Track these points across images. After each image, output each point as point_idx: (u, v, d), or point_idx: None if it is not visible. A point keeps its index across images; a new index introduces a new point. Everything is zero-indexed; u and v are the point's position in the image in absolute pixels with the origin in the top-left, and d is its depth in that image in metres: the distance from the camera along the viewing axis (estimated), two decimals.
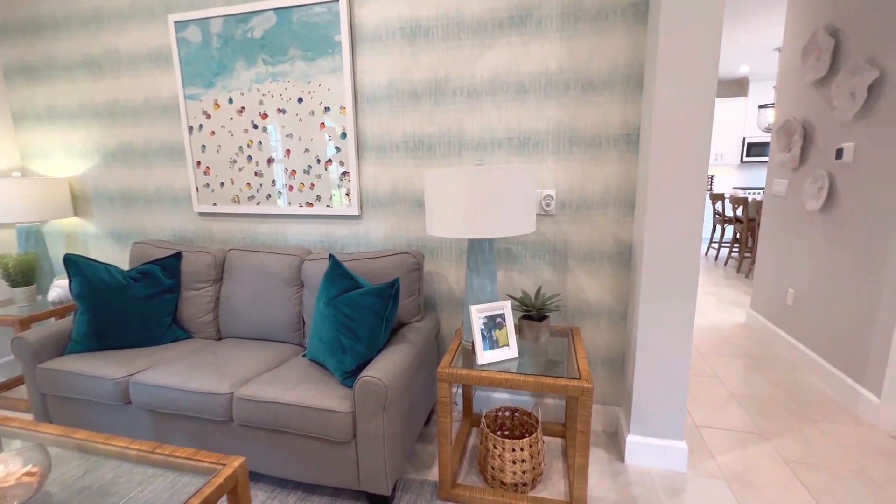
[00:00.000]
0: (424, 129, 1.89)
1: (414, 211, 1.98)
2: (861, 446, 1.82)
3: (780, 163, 2.84)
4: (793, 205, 2.74)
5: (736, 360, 2.68)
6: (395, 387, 1.41)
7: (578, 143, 1.76)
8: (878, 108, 2.04)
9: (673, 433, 1.69)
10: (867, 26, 2.13)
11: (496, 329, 1.54)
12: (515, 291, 1.94)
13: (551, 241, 1.86)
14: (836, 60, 2.35)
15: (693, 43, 1.42)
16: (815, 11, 2.57)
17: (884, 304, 1.97)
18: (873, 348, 2.03)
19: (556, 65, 1.72)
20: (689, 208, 1.52)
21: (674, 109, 1.47)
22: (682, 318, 1.59)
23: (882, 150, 2.01)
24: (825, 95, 2.44)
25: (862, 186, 2.13)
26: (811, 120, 2.57)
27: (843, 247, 2.26)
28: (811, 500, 1.53)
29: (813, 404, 2.16)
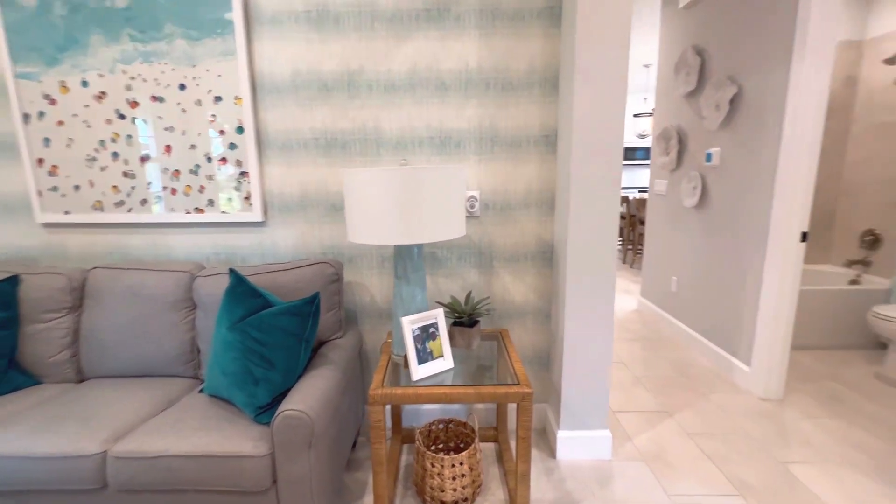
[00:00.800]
0: (337, 125, 1.71)
1: (329, 215, 1.79)
2: (741, 411, 2.10)
3: (660, 165, 3.19)
4: (672, 202, 3.10)
5: (634, 344, 2.94)
6: (321, 418, 1.23)
7: (500, 144, 1.74)
8: (737, 118, 2.38)
9: (598, 423, 1.76)
10: (726, 48, 2.47)
11: (430, 340, 1.44)
12: (443, 297, 1.86)
13: (476, 243, 1.82)
14: (703, 76, 2.70)
15: (607, 52, 1.47)
16: (683, 33, 2.93)
17: (749, 287, 2.30)
18: (743, 325, 2.36)
19: (476, 63, 1.67)
20: (607, 208, 1.59)
21: (591, 114, 1.52)
22: (603, 312, 1.66)
23: (741, 154, 2.35)
24: (695, 106, 2.79)
25: (728, 185, 2.47)
26: (685, 128, 2.92)
27: (715, 238, 2.60)
28: (713, 468, 1.70)
29: (700, 378, 2.44)
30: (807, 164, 1.99)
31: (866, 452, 1.78)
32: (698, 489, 1.59)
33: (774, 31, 2.10)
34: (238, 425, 1.29)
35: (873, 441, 1.85)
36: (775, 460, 1.74)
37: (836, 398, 2.20)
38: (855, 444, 1.84)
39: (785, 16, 2.04)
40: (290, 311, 1.33)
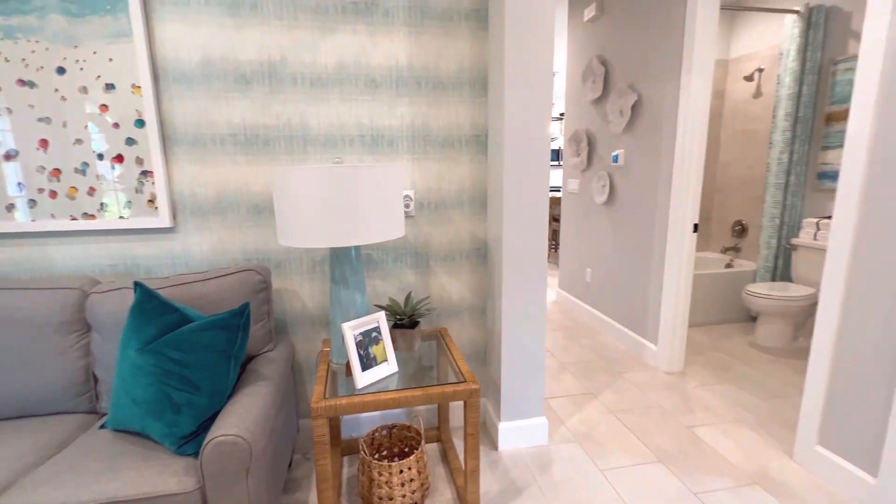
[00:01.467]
0: (259, 120, 1.58)
1: (252, 218, 1.64)
2: (652, 385, 2.34)
3: (572, 165, 3.44)
4: (585, 200, 3.36)
5: (556, 333, 3.13)
6: (259, 440, 1.13)
7: (433, 143, 1.74)
8: (639, 123, 2.65)
9: (535, 411, 1.84)
10: (627, 60, 2.74)
11: (373, 345, 1.39)
12: (380, 300, 1.81)
13: (413, 243, 1.80)
14: (608, 84, 2.96)
15: (534, 57, 1.54)
16: (588, 44, 3.18)
17: (653, 275, 2.58)
18: (649, 309, 2.63)
19: (407, 61, 1.65)
20: (538, 205, 1.66)
21: (521, 115, 1.58)
22: (537, 305, 1.74)
23: (643, 155, 2.62)
24: (602, 112, 3.05)
25: (632, 183, 2.74)
26: (593, 131, 3.18)
27: (623, 231, 2.87)
28: (635, 440, 1.88)
29: (616, 360, 2.68)
30: (696, 165, 2.28)
31: (750, 410, 2.09)
32: (625, 461, 1.74)
33: (667, 47, 2.37)
34: (156, 461, 1.13)
35: (755, 400, 2.18)
36: (683, 426, 1.97)
37: (723, 367, 2.56)
38: (741, 404, 2.15)
39: (675, 35, 2.31)
40: (215, 325, 1.20)
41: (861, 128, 1.45)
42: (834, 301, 1.56)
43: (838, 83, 2.81)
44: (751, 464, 1.72)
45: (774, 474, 1.66)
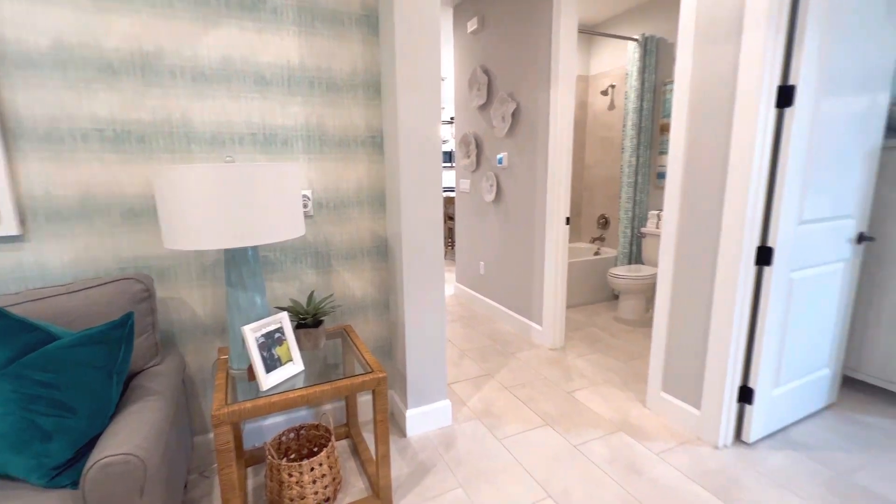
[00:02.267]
0: (132, 114, 1.44)
1: (128, 222, 1.49)
2: (539, 361, 2.65)
3: (463, 166, 3.67)
4: (475, 198, 3.62)
5: (456, 324, 3.34)
6: (153, 457, 1.06)
7: (329, 143, 1.76)
8: (518, 128, 2.96)
9: (439, 395, 1.97)
10: (506, 71, 3.03)
11: (276, 346, 1.38)
12: (281, 302, 1.77)
13: (313, 242, 1.80)
14: (491, 92, 3.24)
15: (423, 63, 1.66)
16: (473, 54, 3.43)
17: (535, 263, 2.91)
18: (534, 294, 2.96)
19: (298, 60, 1.65)
20: (433, 203, 1.79)
21: (414, 118, 1.69)
22: (436, 295, 1.87)
23: (523, 158, 2.93)
24: (487, 117, 3.32)
25: (515, 183, 3.05)
26: (480, 134, 3.45)
27: (510, 226, 3.17)
28: (527, 409, 2.12)
29: (509, 342, 2.96)
30: (565, 166, 2.63)
31: (615, 372, 2.49)
32: (519, 428, 1.96)
33: (538, 62, 2.69)
34: (18, 502, 0.99)
35: (619, 365, 2.60)
36: (564, 392, 2.28)
37: (595, 339, 2.99)
38: (609, 368, 2.55)
39: (544, 52, 2.63)
40: (92, 339, 1.09)
41: (678, 137, 1.85)
42: (667, 276, 1.95)
43: (667, 101, 3.46)
44: (616, 415, 2.06)
45: (633, 420, 2.02)
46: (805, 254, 1.75)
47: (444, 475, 1.68)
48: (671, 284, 1.94)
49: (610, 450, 1.81)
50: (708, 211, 1.76)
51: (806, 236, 1.74)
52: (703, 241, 1.79)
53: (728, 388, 1.76)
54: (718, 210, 1.72)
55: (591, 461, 1.74)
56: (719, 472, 1.67)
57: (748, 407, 1.80)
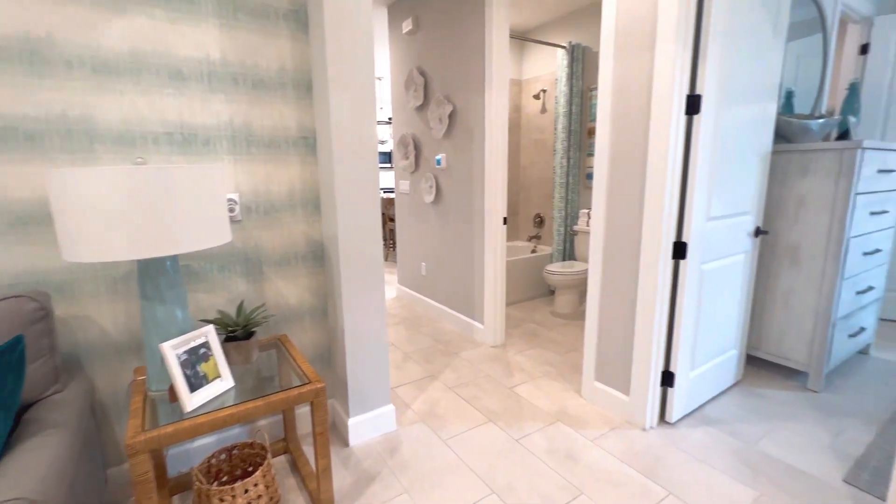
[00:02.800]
0: (17, 109, 1.26)
1: (16, 232, 1.30)
2: (481, 359, 2.70)
3: (402, 168, 3.65)
4: (415, 199, 3.61)
5: (399, 326, 3.31)
6: (54, 500, 0.93)
7: (257, 144, 1.66)
8: (455, 130, 2.99)
9: (383, 401, 1.94)
10: (442, 73, 3.05)
11: (201, 363, 1.28)
12: (207, 314, 1.65)
13: (242, 249, 1.69)
14: (428, 94, 3.24)
15: (356, 62, 1.62)
16: (408, 55, 3.42)
17: (476, 263, 2.96)
18: (475, 293, 3.01)
19: (220, 55, 1.54)
20: (370, 204, 1.76)
21: (348, 118, 1.64)
22: (376, 299, 1.84)
23: (461, 159, 2.97)
24: (424, 119, 3.32)
25: (454, 184, 3.08)
26: (419, 136, 3.44)
27: (450, 227, 3.19)
28: (470, 407, 2.15)
29: (451, 342, 2.99)
30: (501, 167, 2.70)
31: (553, 365, 2.60)
32: (463, 427, 1.99)
33: (473, 66, 2.74)
34: None
35: (557, 358, 2.72)
36: (506, 388, 2.34)
37: (533, 334, 3.10)
38: (547, 362, 2.65)
39: (477, 55, 2.68)
40: None
41: (603, 140, 1.96)
42: (597, 272, 2.07)
43: (593, 105, 3.67)
44: (555, 406, 2.15)
45: (570, 411, 2.12)
46: (713, 247, 1.94)
47: (389, 482, 1.65)
48: (601, 279, 2.06)
49: (549, 441, 1.88)
50: (631, 209, 1.89)
51: (713, 232, 1.92)
52: (628, 237, 1.91)
53: (652, 374, 1.90)
54: (639, 209, 1.85)
55: (532, 453, 1.80)
56: (647, 453, 1.79)
57: (670, 390, 1.96)
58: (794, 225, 2.25)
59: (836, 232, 2.12)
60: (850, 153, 2.03)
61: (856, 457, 1.75)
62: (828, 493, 1.56)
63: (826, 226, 2.15)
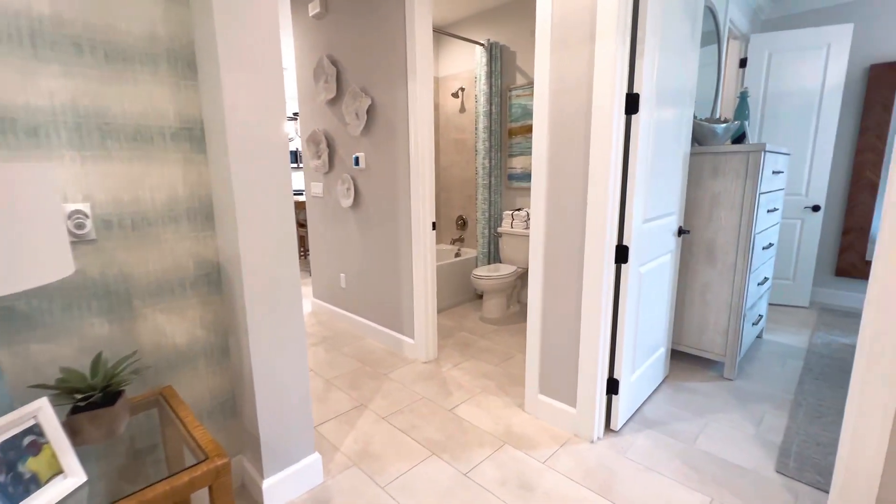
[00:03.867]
0: None
1: None
2: (414, 378, 2.46)
3: (314, 168, 3.25)
4: (331, 204, 3.23)
5: (318, 349, 2.93)
6: None
7: (116, 135, 1.23)
8: (375, 127, 2.70)
9: (305, 451, 1.61)
10: (357, 62, 2.74)
11: (26, 459, 0.86)
12: (41, 376, 1.18)
13: (98, 278, 1.24)
14: (341, 85, 2.90)
15: (255, 35, 1.28)
16: (317, 41, 3.04)
17: (402, 272, 2.70)
18: (403, 305, 2.76)
19: (51, 10, 1.10)
20: (280, 214, 1.42)
21: (246, 106, 1.29)
22: (293, 329, 1.50)
23: (383, 159, 2.69)
24: (338, 113, 2.97)
25: (376, 186, 2.79)
26: (332, 132, 3.08)
27: (372, 233, 2.89)
28: (409, 440, 1.90)
29: (380, 361, 2.70)
30: (428, 167, 2.48)
31: (490, 377, 2.45)
32: (403, 466, 1.73)
33: (393, 56, 2.48)
34: None
35: (493, 369, 2.58)
36: (445, 410, 2.13)
37: (466, 344, 2.94)
38: (484, 375, 2.50)
39: (399, 45, 2.43)
40: None
41: (541, 140, 1.84)
42: (537, 278, 1.95)
43: (513, 105, 3.63)
44: (499, 426, 1.99)
45: (516, 429, 1.97)
46: (647, 249, 1.93)
47: None
48: (542, 286, 1.95)
49: (500, 469, 1.71)
50: (572, 212, 1.79)
51: (647, 233, 1.90)
52: (569, 242, 1.82)
53: (599, 383, 1.82)
54: (582, 212, 1.76)
55: (484, 488, 1.61)
56: (599, 468, 1.71)
57: (615, 397, 1.91)
58: (709, 223, 2.36)
59: (745, 229, 2.25)
60: (756, 156, 2.17)
61: (778, 444, 1.85)
62: (767, 488, 1.60)
63: (736, 223, 2.28)
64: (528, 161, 3.60)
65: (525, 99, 3.52)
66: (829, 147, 3.35)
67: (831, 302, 3.66)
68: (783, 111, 3.44)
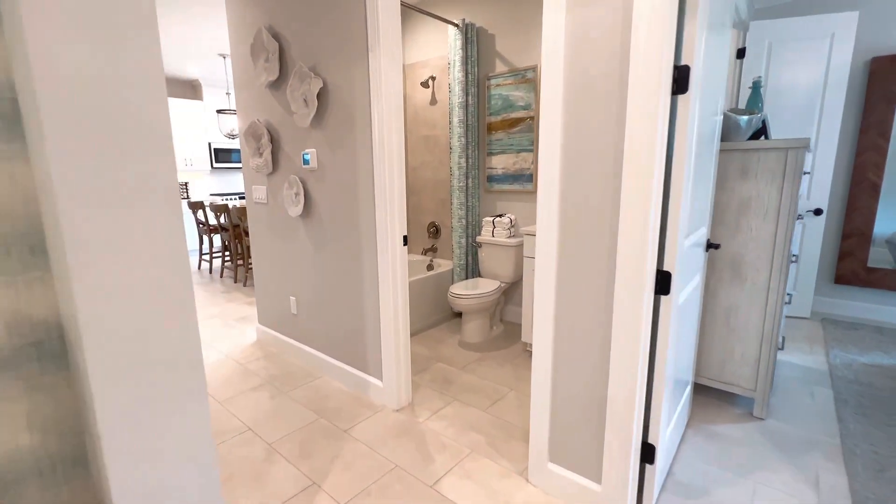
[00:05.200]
0: None
1: None
2: (385, 436, 1.93)
3: (254, 168, 2.65)
4: (276, 211, 2.64)
5: (260, 394, 2.34)
6: None
7: None
8: (329, 116, 2.15)
9: None
10: (303, 35, 2.17)
11: None
12: None
13: None
14: (285, 64, 2.33)
15: None
16: (254, 10, 2.45)
17: (367, 299, 2.17)
18: (368, 338, 2.22)
19: None
20: (157, 242, 0.86)
21: (82, 62, 0.73)
22: (193, 432, 0.95)
23: (339, 157, 2.14)
24: (282, 99, 2.39)
25: (331, 191, 2.23)
26: (275, 124, 2.49)
27: (327, 250, 2.34)
28: None
29: (339, 411, 2.15)
30: (397, 167, 1.96)
31: (479, 430, 1.96)
32: None
33: (347, 23, 1.94)
34: None
35: (482, 417, 2.08)
36: (426, 486, 1.62)
37: (446, 380, 2.44)
38: (472, 426, 2.00)
39: (356, 11, 1.89)
40: None
41: (552, 135, 1.36)
42: (546, 315, 1.47)
43: (493, 96, 3.16)
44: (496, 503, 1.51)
45: None
46: (685, 272, 1.50)
47: None
48: (553, 325, 1.47)
49: None
50: (597, 226, 1.32)
51: (687, 252, 1.47)
52: (593, 268, 1.35)
53: (633, 452, 1.37)
54: (610, 225, 1.30)
55: None
56: None
57: (649, 467, 1.46)
58: (736, 234, 1.98)
59: (781, 242, 1.88)
60: (797, 154, 1.79)
61: None
62: None
63: (770, 235, 1.90)
64: (509, 160, 3.14)
65: (506, 88, 3.06)
66: (832, 146, 3.10)
67: (832, 312, 3.42)
68: (784, 106, 3.15)
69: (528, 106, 2.98)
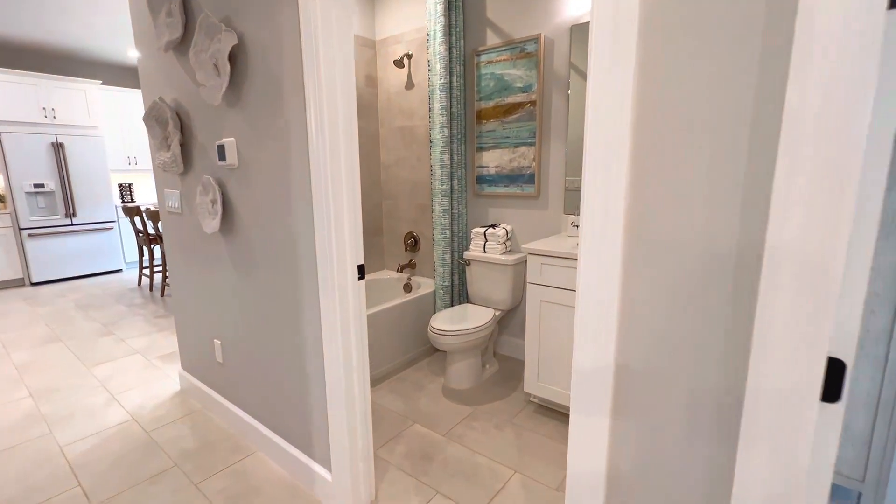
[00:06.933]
0: None
1: None
2: None
3: (160, 166, 1.94)
4: (191, 225, 1.94)
5: (159, 488, 1.63)
6: None
7: None
8: (247, 87, 1.47)
9: None
10: None
11: None
12: None
13: None
14: (192, 16, 1.64)
15: None
16: None
17: (308, 349, 1.49)
18: (313, 407, 1.54)
19: None
20: None
21: None
22: None
23: (264, 147, 1.46)
24: (188, 66, 1.70)
25: (255, 197, 1.55)
26: (184, 103, 1.80)
27: (255, 279, 1.65)
28: None
29: None
30: (347, 161, 1.30)
31: None
32: None
33: None
34: None
35: None
36: None
37: (425, 455, 1.78)
38: None
39: None
40: None
41: (612, 111, 0.72)
42: (605, 380, 0.83)
43: (482, 77, 2.52)
44: None
45: None
46: None
47: None
48: (610, 422, 0.83)
49: None
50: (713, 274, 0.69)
51: None
52: (710, 317, 0.71)
53: None
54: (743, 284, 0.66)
55: None
56: None
57: None
58: None
59: None
60: None
61: None
62: None
63: (893, 261, 1.30)
64: (504, 157, 2.51)
65: (500, 66, 2.42)
66: None
67: None
68: None
69: (528, 88, 2.34)
